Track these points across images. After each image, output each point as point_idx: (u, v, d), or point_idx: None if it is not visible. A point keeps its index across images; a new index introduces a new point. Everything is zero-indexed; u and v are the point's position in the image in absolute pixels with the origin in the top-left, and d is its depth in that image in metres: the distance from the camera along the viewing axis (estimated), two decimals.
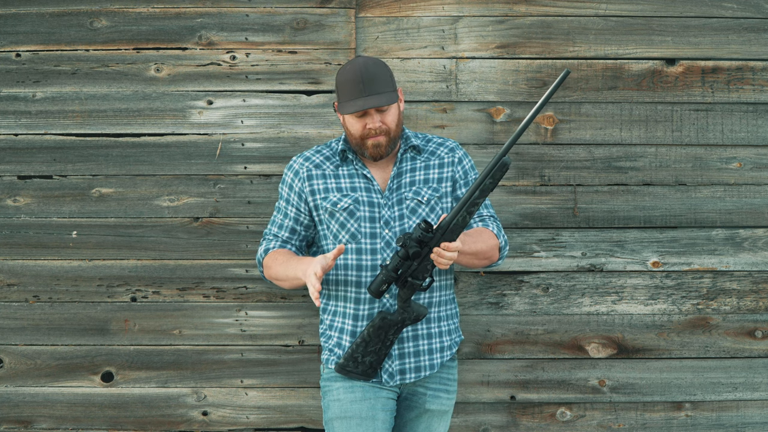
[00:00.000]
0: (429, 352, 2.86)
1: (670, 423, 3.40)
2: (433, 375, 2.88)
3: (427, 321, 2.86)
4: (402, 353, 2.83)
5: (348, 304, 2.86)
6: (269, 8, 3.37)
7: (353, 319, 2.85)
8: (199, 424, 3.38)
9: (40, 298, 3.37)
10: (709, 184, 3.39)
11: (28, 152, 3.36)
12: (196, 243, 3.36)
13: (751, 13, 3.38)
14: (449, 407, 2.95)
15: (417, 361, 2.84)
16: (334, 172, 2.91)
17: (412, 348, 2.84)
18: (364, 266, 2.83)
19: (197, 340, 3.37)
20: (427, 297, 2.85)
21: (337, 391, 2.85)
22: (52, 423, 3.38)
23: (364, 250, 2.83)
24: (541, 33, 3.38)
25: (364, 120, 2.82)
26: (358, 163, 2.90)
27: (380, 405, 2.83)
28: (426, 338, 2.86)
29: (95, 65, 3.36)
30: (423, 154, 2.93)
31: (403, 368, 2.83)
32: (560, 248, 3.38)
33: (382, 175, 2.91)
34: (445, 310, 2.91)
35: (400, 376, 2.83)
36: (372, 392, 2.84)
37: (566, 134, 3.38)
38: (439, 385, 2.90)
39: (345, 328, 2.86)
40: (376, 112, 2.81)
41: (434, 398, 2.89)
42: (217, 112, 3.37)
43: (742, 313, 3.39)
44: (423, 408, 2.89)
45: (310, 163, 2.93)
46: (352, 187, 2.88)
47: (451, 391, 2.94)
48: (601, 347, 3.39)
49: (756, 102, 3.39)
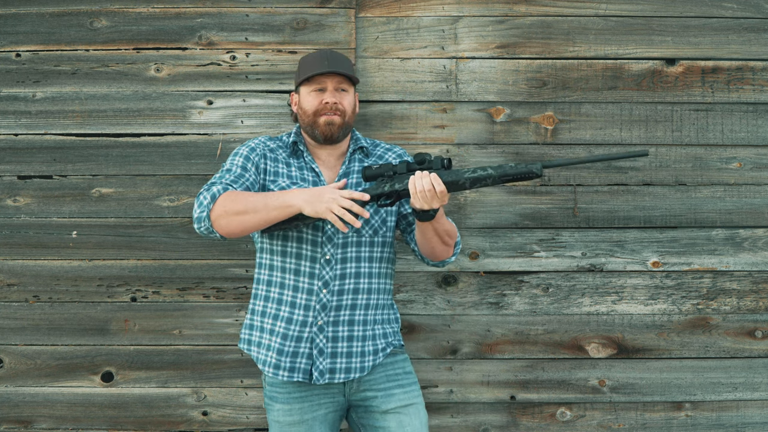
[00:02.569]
0: (361, 354, 2.84)
1: (670, 423, 3.40)
2: (377, 376, 2.87)
3: (364, 323, 2.85)
4: (334, 352, 2.82)
5: (286, 291, 2.84)
6: (269, 8, 3.37)
7: (290, 306, 2.82)
8: (199, 424, 3.38)
9: (40, 298, 3.37)
10: (709, 184, 3.39)
11: (28, 152, 3.36)
12: (196, 243, 3.36)
13: (751, 13, 3.38)
14: (413, 399, 2.89)
15: (348, 362, 2.82)
16: (285, 160, 2.91)
17: (345, 348, 2.83)
18: (304, 255, 2.82)
19: (197, 340, 3.37)
20: (364, 299, 2.85)
21: (277, 412, 2.87)
22: (52, 423, 3.38)
23: (305, 239, 2.83)
24: (541, 33, 3.38)
25: (322, 96, 2.85)
26: (308, 157, 2.91)
27: (318, 424, 2.85)
28: (360, 340, 2.84)
29: (95, 65, 3.36)
30: (371, 157, 2.95)
31: (333, 367, 2.82)
32: (560, 248, 3.38)
33: (329, 172, 2.92)
34: (382, 314, 2.90)
35: (329, 375, 2.81)
36: (310, 411, 2.84)
37: (566, 134, 3.38)
38: (389, 383, 2.88)
39: (275, 330, 2.85)
40: (335, 90, 2.85)
41: (389, 397, 2.87)
42: (217, 112, 3.37)
43: (742, 313, 3.39)
44: (381, 410, 2.86)
45: (264, 146, 2.93)
46: (301, 177, 2.88)
47: (406, 385, 2.90)
48: (601, 347, 3.39)
49: (756, 102, 3.39)
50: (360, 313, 2.84)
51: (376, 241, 2.87)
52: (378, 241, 2.87)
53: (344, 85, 2.87)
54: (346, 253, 2.83)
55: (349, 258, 2.83)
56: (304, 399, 2.85)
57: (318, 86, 2.85)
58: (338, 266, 2.82)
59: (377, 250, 2.88)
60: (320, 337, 2.81)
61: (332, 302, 2.81)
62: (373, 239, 2.87)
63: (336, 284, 2.82)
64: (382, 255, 2.89)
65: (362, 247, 2.85)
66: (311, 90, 2.86)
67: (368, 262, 2.86)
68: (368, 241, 2.86)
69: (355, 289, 2.83)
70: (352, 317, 2.83)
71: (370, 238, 2.86)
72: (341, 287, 2.82)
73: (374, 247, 2.87)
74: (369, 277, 2.85)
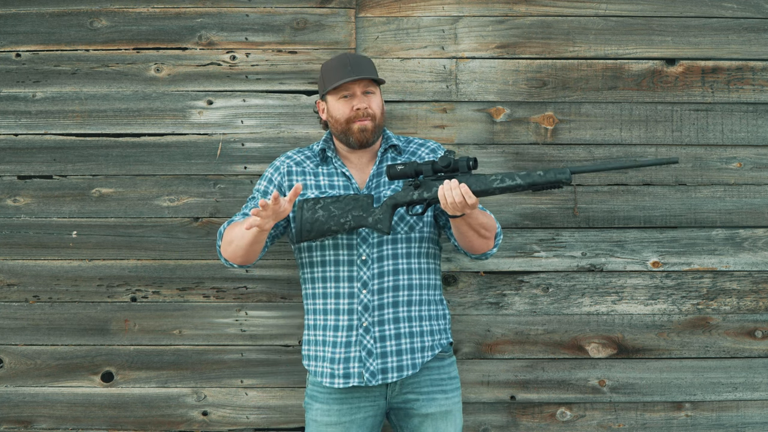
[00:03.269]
0: (411, 351, 2.84)
1: (670, 423, 3.40)
2: (422, 379, 2.88)
3: (409, 320, 2.85)
4: (384, 352, 2.82)
5: (329, 300, 2.86)
6: (269, 8, 3.37)
7: (335, 314, 2.85)
8: (199, 424, 3.38)
9: (40, 298, 3.37)
10: (709, 184, 3.39)
11: (28, 152, 3.36)
12: (196, 243, 3.36)
13: (751, 13, 3.38)
14: (452, 406, 2.92)
15: (399, 360, 2.83)
16: (313, 170, 2.93)
17: (394, 347, 2.83)
18: (341, 261, 2.84)
19: (197, 340, 3.37)
20: (405, 295, 2.85)
21: (316, 411, 2.89)
22: (52, 423, 3.38)
23: (341, 245, 2.84)
24: (541, 33, 3.38)
25: (351, 102, 2.86)
26: (337, 162, 2.92)
27: (355, 428, 2.85)
28: (408, 337, 2.85)
29: (95, 65, 3.36)
30: (404, 154, 2.95)
31: (385, 367, 2.82)
32: (560, 248, 3.38)
33: (360, 175, 2.93)
34: (428, 309, 2.90)
35: (382, 375, 2.81)
36: (348, 414, 2.85)
37: (566, 134, 3.38)
38: (432, 388, 2.89)
39: (326, 340, 2.88)
40: (363, 95, 2.86)
41: (430, 401, 2.88)
42: (217, 112, 3.37)
43: (742, 313, 3.39)
44: (421, 414, 2.87)
45: (290, 160, 2.96)
46: (331, 185, 2.89)
47: (448, 390, 2.92)
48: (601, 347, 3.39)
49: (756, 102, 3.39)
50: (404, 310, 2.84)
51: (413, 237, 2.87)
52: (415, 237, 2.87)
53: (371, 88, 2.88)
54: (381, 252, 2.84)
55: (385, 256, 2.84)
56: (343, 401, 2.85)
57: (345, 93, 2.86)
58: (375, 265, 2.83)
59: (415, 246, 2.87)
60: (367, 338, 2.82)
61: (373, 302, 2.82)
62: (410, 235, 2.87)
63: (375, 283, 2.82)
64: (421, 250, 2.89)
65: (398, 243, 2.86)
66: (339, 98, 2.87)
67: (406, 258, 2.86)
68: (404, 238, 2.86)
69: (395, 287, 2.83)
70: (396, 314, 2.83)
71: (406, 234, 2.86)
72: (380, 285, 2.83)
73: (411, 243, 2.87)
74: (408, 273, 2.86)
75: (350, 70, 2.84)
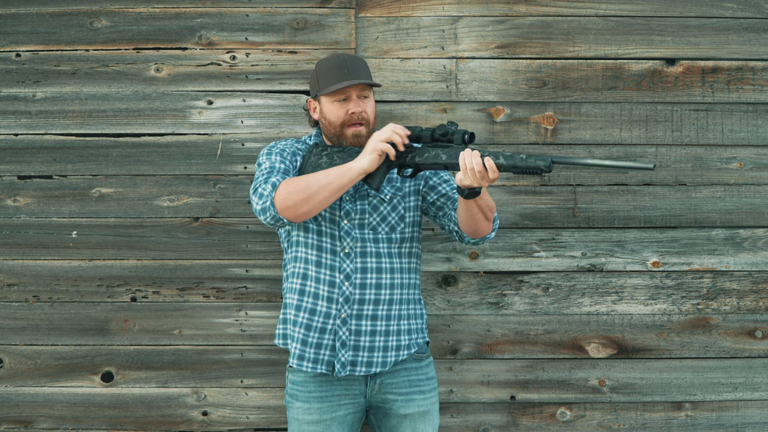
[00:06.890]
0: (383, 349, 2.86)
1: (670, 423, 3.40)
2: (400, 380, 2.90)
3: (387, 318, 2.87)
4: (357, 345, 2.84)
5: (309, 282, 2.86)
6: (269, 8, 3.37)
7: (313, 297, 2.85)
8: (199, 424, 3.38)
9: (40, 298, 3.37)
10: (709, 184, 3.39)
11: (28, 152, 3.36)
12: (196, 243, 3.36)
13: (751, 13, 3.38)
14: (429, 406, 2.94)
15: (370, 356, 2.85)
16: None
17: (367, 343, 2.85)
18: (324, 248, 2.86)
19: (197, 340, 3.37)
20: (387, 294, 2.86)
21: (297, 410, 2.90)
22: (52, 423, 3.38)
23: (324, 232, 2.86)
24: (541, 33, 3.38)
25: (346, 105, 2.86)
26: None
27: (336, 425, 2.87)
28: (383, 335, 2.86)
29: (95, 65, 3.36)
30: None
31: (355, 360, 2.84)
32: (560, 248, 3.38)
33: None
34: (407, 309, 2.92)
35: (351, 367, 2.84)
36: (329, 411, 2.87)
37: (566, 134, 3.38)
38: (410, 388, 2.91)
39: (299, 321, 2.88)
40: (358, 99, 2.86)
41: (408, 402, 2.90)
42: (217, 112, 3.37)
43: (742, 313, 3.39)
44: (399, 414, 2.90)
45: (291, 147, 2.97)
46: None
47: (426, 391, 2.94)
48: (601, 347, 3.39)
49: (756, 102, 3.39)
50: (383, 308, 2.86)
51: (394, 237, 2.89)
52: (396, 238, 2.89)
53: (366, 92, 2.89)
54: (365, 248, 2.86)
55: (369, 252, 2.86)
56: (323, 399, 2.87)
57: (342, 96, 2.87)
58: (358, 259, 2.85)
59: (396, 246, 2.90)
60: (343, 330, 2.84)
61: (355, 295, 2.84)
62: (391, 236, 2.89)
63: (358, 277, 2.84)
64: (402, 250, 2.91)
65: (380, 243, 2.87)
66: (334, 100, 2.87)
67: (388, 258, 2.87)
68: (385, 237, 2.88)
69: (378, 284, 2.85)
70: (375, 312, 2.85)
71: (387, 234, 2.88)
72: (363, 281, 2.84)
73: (392, 243, 2.89)
74: (391, 272, 2.87)
75: (347, 72, 2.85)
